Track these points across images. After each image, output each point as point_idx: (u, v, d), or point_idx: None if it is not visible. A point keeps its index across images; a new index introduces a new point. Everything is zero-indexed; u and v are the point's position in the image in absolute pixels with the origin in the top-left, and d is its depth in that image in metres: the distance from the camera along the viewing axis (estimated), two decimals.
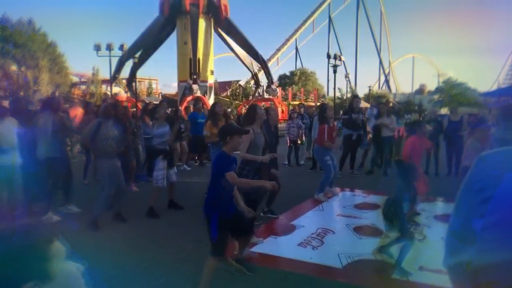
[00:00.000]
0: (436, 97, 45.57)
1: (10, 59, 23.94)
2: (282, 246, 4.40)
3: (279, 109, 23.53)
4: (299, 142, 10.21)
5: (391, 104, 10.74)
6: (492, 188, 0.90)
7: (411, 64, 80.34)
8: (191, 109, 11.75)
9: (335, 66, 25.04)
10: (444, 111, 31.81)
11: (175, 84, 27.88)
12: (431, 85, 63.25)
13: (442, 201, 6.53)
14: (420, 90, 61.42)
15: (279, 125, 10.42)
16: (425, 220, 5.24)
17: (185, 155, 9.75)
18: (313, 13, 48.24)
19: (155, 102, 11.26)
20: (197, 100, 12.03)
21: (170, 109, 10.78)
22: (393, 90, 63.12)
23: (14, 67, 24.35)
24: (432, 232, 4.81)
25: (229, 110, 14.58)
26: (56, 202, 5.74)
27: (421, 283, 3.45)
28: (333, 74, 25.58)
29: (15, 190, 4.93)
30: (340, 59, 26.46)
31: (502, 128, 3.66)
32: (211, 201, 3.16)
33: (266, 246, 4.36)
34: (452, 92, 43.96)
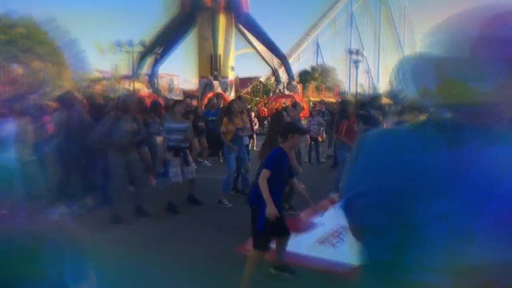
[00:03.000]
0: None
1: (33, 56, 24.56)
2: (301, 243, 4.39)
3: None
4: (320, 139, 10.14)
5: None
6: (494, 186, 0.89)
7: None
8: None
9: (356, 62, 24.72)
10: None
11: (195, 80, 28.08)
12: None
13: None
14: None
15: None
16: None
17: (206, 151, 9.82)
18: (333, 7, 47.66)
19: (175, 98, 11.39)
20: (212, 97, 12.05)
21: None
22: None
23: (37, 64, 24.97)
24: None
25: (249, 106, 14.57)
26: (74, 196, 5.84)
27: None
28: (353, 70, 25.30)
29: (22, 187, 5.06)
30: (362, 55, 26.10)
31: None
32: (259, 192, 3.19)
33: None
34: None
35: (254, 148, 12.19)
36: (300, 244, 4.37)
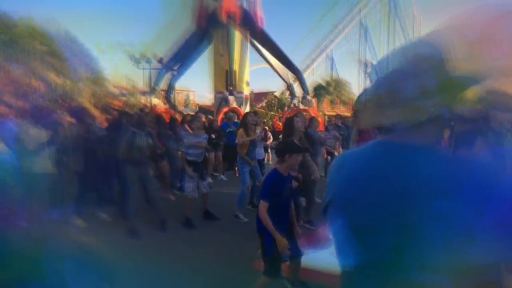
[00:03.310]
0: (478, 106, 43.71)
1: (54, 72, 25.07)
2: (320, 260, 4.33)
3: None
4: (336, 153, 10.07)
5: None
6: (490, 187, 0.88)
7: None
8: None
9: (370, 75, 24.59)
10: None
11: (211, 95, 28.43)
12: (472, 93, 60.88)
13: None
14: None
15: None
16: None
17: (221, 165, 9.86)
18: (348, 23, 47.93)
19: (191, 113, 11.52)
20: (228, 111, 12.16)
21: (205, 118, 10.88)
22: None
23: (58, 80, 25.49)
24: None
25: (265, 120, 14.55)
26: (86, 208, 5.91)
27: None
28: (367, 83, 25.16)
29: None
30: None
31: None
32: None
33: (304, 259, 4.31)
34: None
35: (270, 162, 12.18)
36: (317, 260, 4.32)
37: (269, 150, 12.53)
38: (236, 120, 10.64)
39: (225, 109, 23.08)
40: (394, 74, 0.98)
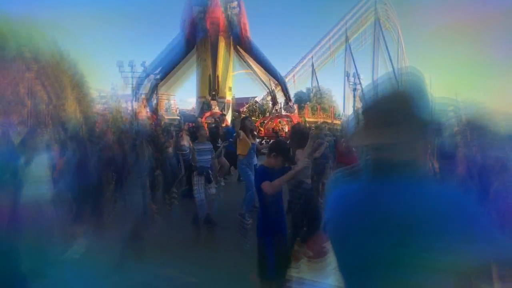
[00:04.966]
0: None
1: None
2: (316, 270, 4.40)
3: None
4: None
5: None
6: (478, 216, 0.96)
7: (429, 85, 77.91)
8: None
9: (354, 84, 25.12)
10: None
11: (191, 100, 28.32)
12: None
13: None
14: None
15: None
16: None
17: (222, 170, 9.68)
18: (329, 32, 48.65)
19: (170, 118, 11.34)
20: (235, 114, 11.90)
21: (187, 124, 10.74)
22: None
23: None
24: None
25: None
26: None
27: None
28: (349, 93, 25.66)
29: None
30: (359, 80, 26.54)
31: None
32: (263, 224, 3.18)
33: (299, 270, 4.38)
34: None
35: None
36: (314, 271, 4.38)
37: None
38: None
39: (207, 114, 23.03)
40: (382, 99, 1.08)
